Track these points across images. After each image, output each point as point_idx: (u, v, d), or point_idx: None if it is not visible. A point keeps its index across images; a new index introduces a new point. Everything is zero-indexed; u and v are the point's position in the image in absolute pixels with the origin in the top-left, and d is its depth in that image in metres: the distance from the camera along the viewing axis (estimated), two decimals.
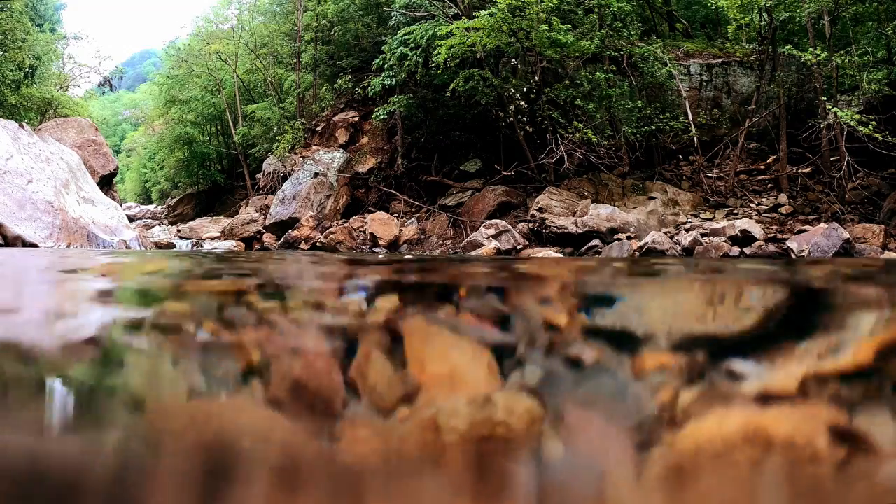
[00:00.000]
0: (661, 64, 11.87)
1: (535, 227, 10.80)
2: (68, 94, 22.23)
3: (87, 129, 16.37)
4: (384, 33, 14.51)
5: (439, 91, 12.80)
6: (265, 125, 18.11)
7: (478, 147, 13.82)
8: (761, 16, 11.42)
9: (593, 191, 11.56)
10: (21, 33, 18.18)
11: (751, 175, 11.74)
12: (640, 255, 9.28)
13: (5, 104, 17.77)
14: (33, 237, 7.85)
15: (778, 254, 8.76)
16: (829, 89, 10.40)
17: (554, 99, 11.46)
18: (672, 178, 11.93)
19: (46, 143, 10.07)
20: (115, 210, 10.81)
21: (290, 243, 12.55)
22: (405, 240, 12.23)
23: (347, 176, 14.61)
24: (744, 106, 12.31)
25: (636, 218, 10.43)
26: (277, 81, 20.55)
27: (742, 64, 12.83)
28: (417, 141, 14.49)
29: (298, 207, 13.80)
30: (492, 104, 11.97)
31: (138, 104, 38.44)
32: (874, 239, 8.83)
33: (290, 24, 18.71)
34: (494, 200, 12.26)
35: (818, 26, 10.78)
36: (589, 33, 11.52)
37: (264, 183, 16.56)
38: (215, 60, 21.32)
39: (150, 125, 29.92)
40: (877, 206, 9.96)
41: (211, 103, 22.98)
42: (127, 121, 44.95)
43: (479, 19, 10.90)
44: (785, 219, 10.23)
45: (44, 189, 8.55)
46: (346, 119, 16.08)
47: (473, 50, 11.24)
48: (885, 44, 10.04)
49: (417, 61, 12.30)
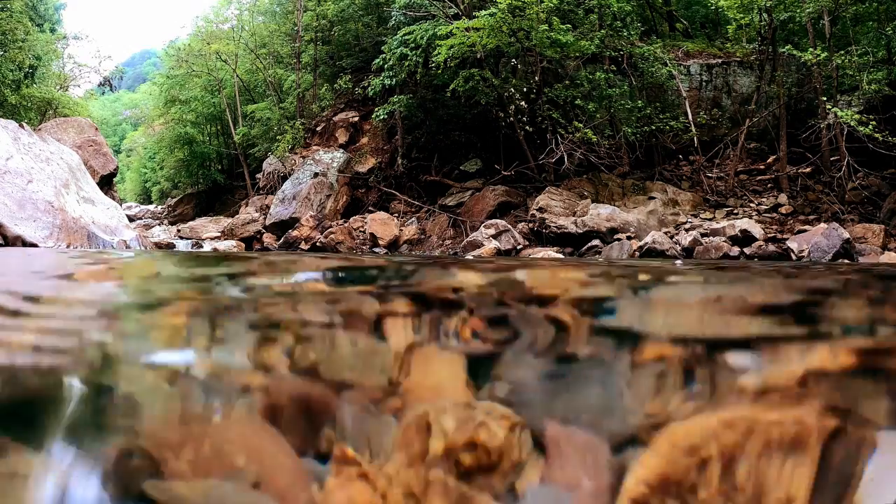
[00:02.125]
0: (661, 64, 11.87)
1: (535, 227, 10.80)
2: (68, 94, 22.22)
3: (87, 129, 16.36)
4: (384, 33, 14.51)
5: (439, 91, 12.80)
6: (265, 125, 18.11)
7: (478, 147, 13.82)
8: (761, 16, 11.43)
9: (593, 191, 11.56)
10: (21, 33, 18.17)
11: (751, 175, 11.74)
12: (640, 255, 9.28)
13: (5, 104, 17.76)
14: (33, 237, 7.84)
15: (778, 254, 8.76)
16: (829, 89, 10.40)
17: (554, 99, 11.46)
18: (672, 178, 11.93)
19: (46, 143, 10.06)
20: (115, 210, 10.80)
21: (290, 243, 12.54)
22: (405, 240, 12.23)
23: (347, 176, 14.61)
24: (744, 106, 12.31)
25: (636, 218, 10.43)
26: (277, 81, 20.55)
27: (742, 64, 12.83)
28: (417, 141, 14.49)
29: (298, 207, 13.80)
30: (492, 104, 11.97)
31: (138, 104, 38.45)
32: (874, 239, 8.84)
33: (290, 24, 18.71)
34: (494, 200, 12.26)
35: (818, 26, 10.78)
36: (589, 33, 11.52)
37: (264, 183, 16.56)
38: (215, 60, 21.31)
39: (150, 125, 29.92)
40: (877, 206, 9.96)
41: (211, 103, 22.98)
42: (127, 121, 44.96)
43: (479, 19, 10.90)
44: (785, 219, 10.23)
45: (44, 189, 8.55)
46: (346, 119, 16.08)
47: (473, 50, 11.24)
48: (885, 44, 10.04)
49: (417, 61, 12.30)
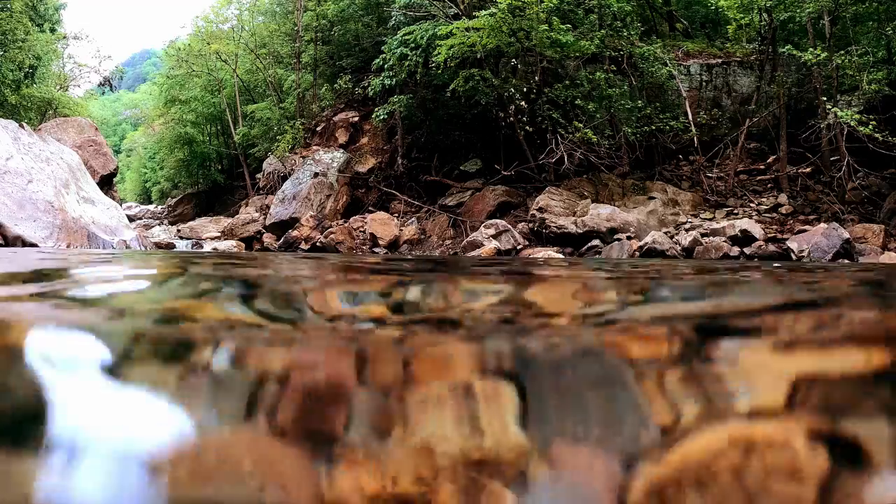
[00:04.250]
0: (661, 64, 11.87)
1: (535, 227, 10.80)
2: (68, 94, 22.23)
3: (87, 129, 16.36)
4: (384, 33, 14.51)
5: (439, 91, 12.80)
6: (265, 125, 18.11)
7: (478, 147, 13.82)
8: (761, 16, 11.43)
9: (593, 191, 11.56)
10: (21, 33, 18.17)
11: (751, 175, 11.74)
12: (640, 255, 9.28)
13: (5, 104, 17.77)
14: (33, 237, 7.85)
15: (778, 254, 8.76)
16: (829, 89, 10.40)
17: (554, 99, 11.46)
18: (672, 178, 11.93)
19: (46, 143, 10.06)
20: (115, 210, 10.80)
21: (290, 243, 12.54)
22: (405, 240, 12.23)
23: (347, 176, 14.61)
24: (744, 106, 12.31)
25: (636, 218, 10.43)
26: (277, 81, 20.56)
27: (742, 64, 12.83)
28: (417, 141, 14.49)
29: (298, 207, 13.80)
30: (492, 104, 11.97)
31: (138, 104, 38.47)
32: (874, 239, 8.84)
33: (290, 24, 18.71)
34: (494, 200, 12.26)
35: (818, 26, 10.78)
36: (589, 33, 11.52)
37: (264, 183, 16.56)
38: (215, 60, 21.32)
39: (150, 125, 29.95)
40: (877, 206, 9.96)
41: (211, 103, 22.99)
42: (127, 121, 44.99)
43: (479, 19, 10.90)
44: (785, 219, 10.23)
45: (44, 189, 8.55)
46: (346, 119, 16.08)
47: (473, 50, 11.24)
48: (885, 44, 10.05)
49: (417, 61, 12.30)
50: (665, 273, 3.27)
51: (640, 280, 2.79)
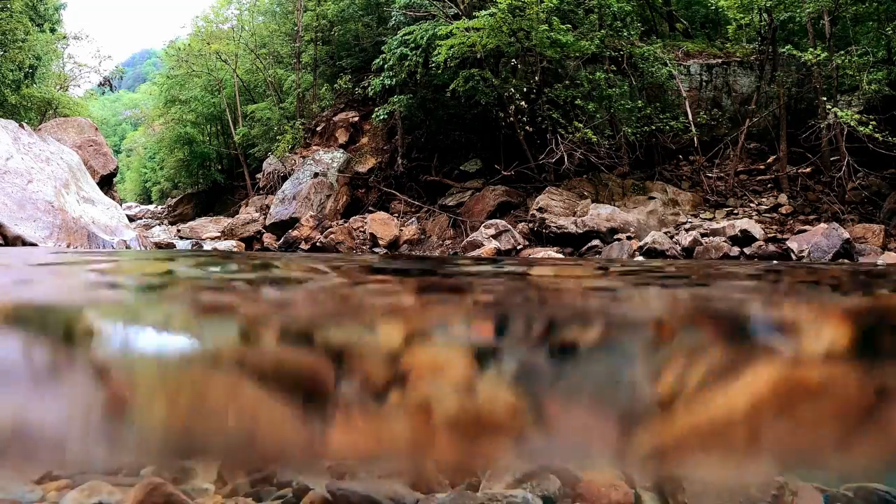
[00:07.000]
0: (661, 64, 11.87)
1: (535, 227, 10.80)
2: (68, 94, 22.21)
3: (87, 129, 16.35)
4: (384, 33, 14.50)
5: (439, 91, 12.79)
6: (265, 125, 18.10)
7: (478, 147, 13.82)
8: (761, 16, 11.43)
9: (593, 191, 11.56)
10: (21, 33, 18.15)
11: (751, 175, 11.74)
12: (640, 254, 9.28)
13: (5, 104, 17.75)
14: (33, 237, 7.84)
15: (778, 254, 8.77)
16: (829, 89, 10.40)
17: (554, 99, 11.45)
18: (672, 178, 11.92)
19: (46, 143, 10.06)
20: (115, 210, 10.80)
21: (290, 243, 12.54)
22: (405, 240, 12.23)
23: (347, 176, 14.61)
24: (744, 106, 12.31)
25: (636, 218, 10.43)
26: (277, 81, 20.55)
27: (742, 64, 12.83)
28: (417, 141, 14.49)
29: (298, 207, 13.80)
30: (492, 104, 11.97)
31: (138, 104, 38.48)
32: (874, 239, 8.84)
33: (290, 24, 18.71)
34: (494, 200, 12.26)
35: (818, 26, 10.78)
36: (589, 33, 11.52)
37: (264, 183, 16.56)
38: (215, 60, 21.31)
39: (150, 125, 29.94)
40: (877, 206, 9.96)
41: (211, 103, 22.98)
42: (127, 121, 45.00)
43: (479, 19, 10.90)
44: (785, 219, 10.23)
45: (44, 189, 8.55)
46: (346, 119, 16.07)
47: (473, 50, 11.24)
48: (885, 44, 10.04)
49: (417, 61, 12.29)
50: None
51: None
